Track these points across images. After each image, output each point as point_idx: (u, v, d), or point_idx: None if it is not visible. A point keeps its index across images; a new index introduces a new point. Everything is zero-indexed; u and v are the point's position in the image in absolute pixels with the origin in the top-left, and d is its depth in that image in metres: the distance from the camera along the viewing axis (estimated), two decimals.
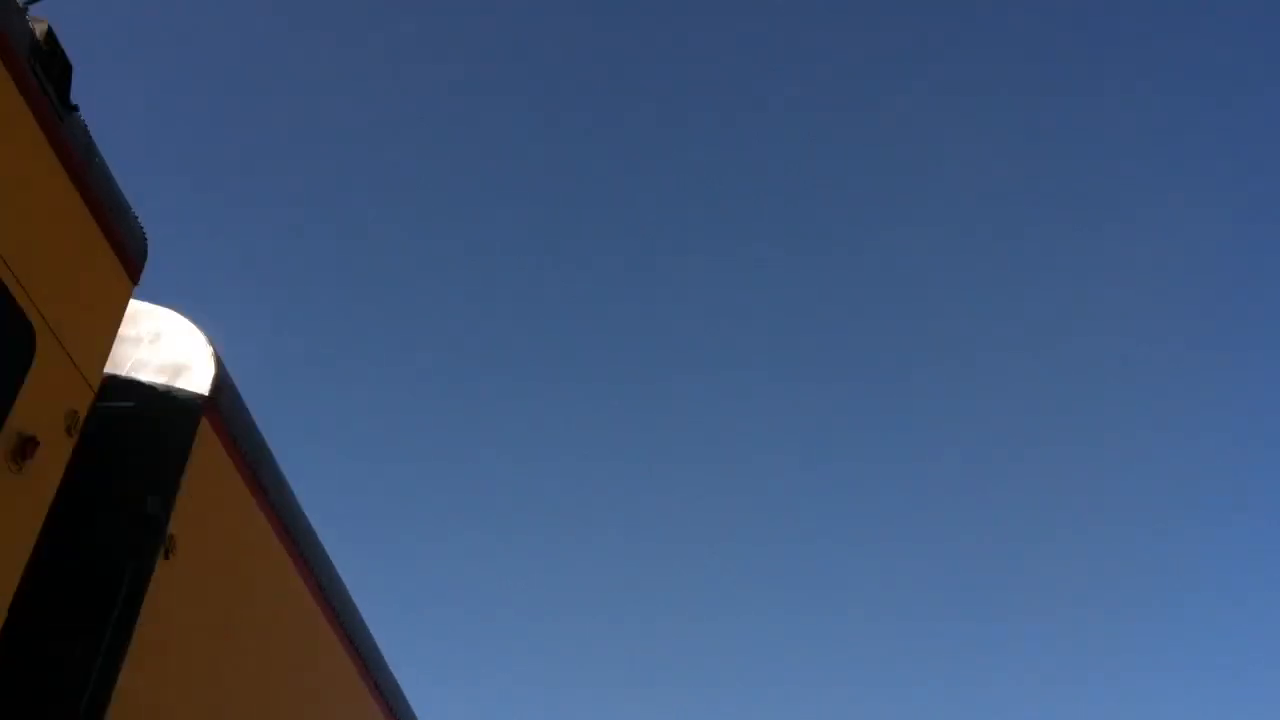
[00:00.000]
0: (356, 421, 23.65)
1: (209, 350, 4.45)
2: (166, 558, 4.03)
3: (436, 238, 22.79)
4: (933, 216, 22.65)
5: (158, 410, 4.24)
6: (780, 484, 24.80)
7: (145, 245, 4.30)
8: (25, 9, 3.92)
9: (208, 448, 4.32)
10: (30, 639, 3.63)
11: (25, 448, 3.37)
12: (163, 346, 4.43)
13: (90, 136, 4.10)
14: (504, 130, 22.15)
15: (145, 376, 4.33)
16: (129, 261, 4.03)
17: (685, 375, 23.73)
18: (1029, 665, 24.60)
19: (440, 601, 24.56)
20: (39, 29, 3.94)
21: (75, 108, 4.03)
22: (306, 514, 5.60)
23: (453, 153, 22.15)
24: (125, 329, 4.23)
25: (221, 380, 4.44)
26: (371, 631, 6.33)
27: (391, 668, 6.68)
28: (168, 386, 4.30)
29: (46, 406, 3.51)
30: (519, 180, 22.32)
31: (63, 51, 3.95)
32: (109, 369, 4.12)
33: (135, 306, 4.36)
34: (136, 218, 4.26)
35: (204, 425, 4.27)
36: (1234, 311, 22.54)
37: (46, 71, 3.86)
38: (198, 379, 4.34)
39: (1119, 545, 23.94)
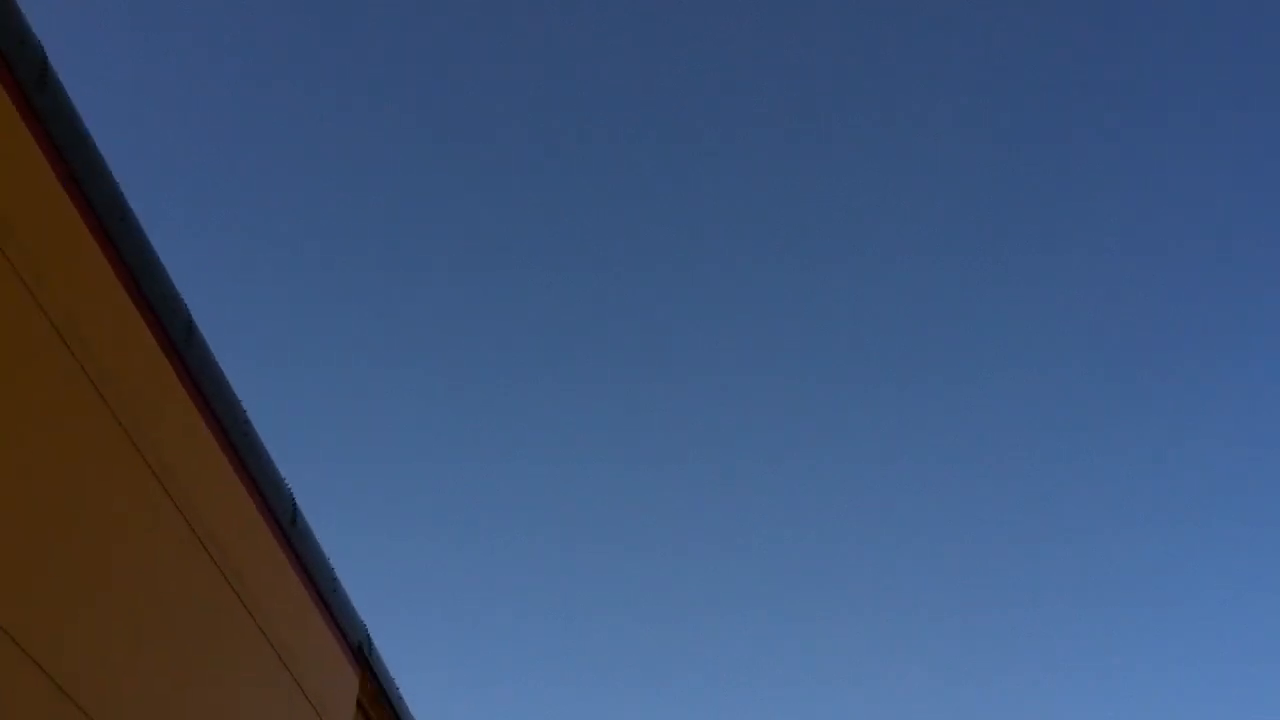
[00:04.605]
0: (353, 421, 23.67)
1: None
2: None
3: (435, 237, 22.81)
4: (933, 218, 22.68)
5: None
6: (778, 484, 24.84)
7: None
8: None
9: None
10: None
11: None
12: None
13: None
14: (502, 129, 22.18)
15: None
16: None
17: (685, 376, 23.76)
18: (1029, 665, 24.65)
19: (436, 602, 24.60)
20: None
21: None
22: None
23: (450, 152, 22.17)
24: None
25: None
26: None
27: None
28: None
29: None
30: (516, 179, 22.35)
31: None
32: None
33: None
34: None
35: None
36: (1233, 313, 22.58)
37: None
38: None
39: (1119, 545, 23.99)
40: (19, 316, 3.34)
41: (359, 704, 5.76)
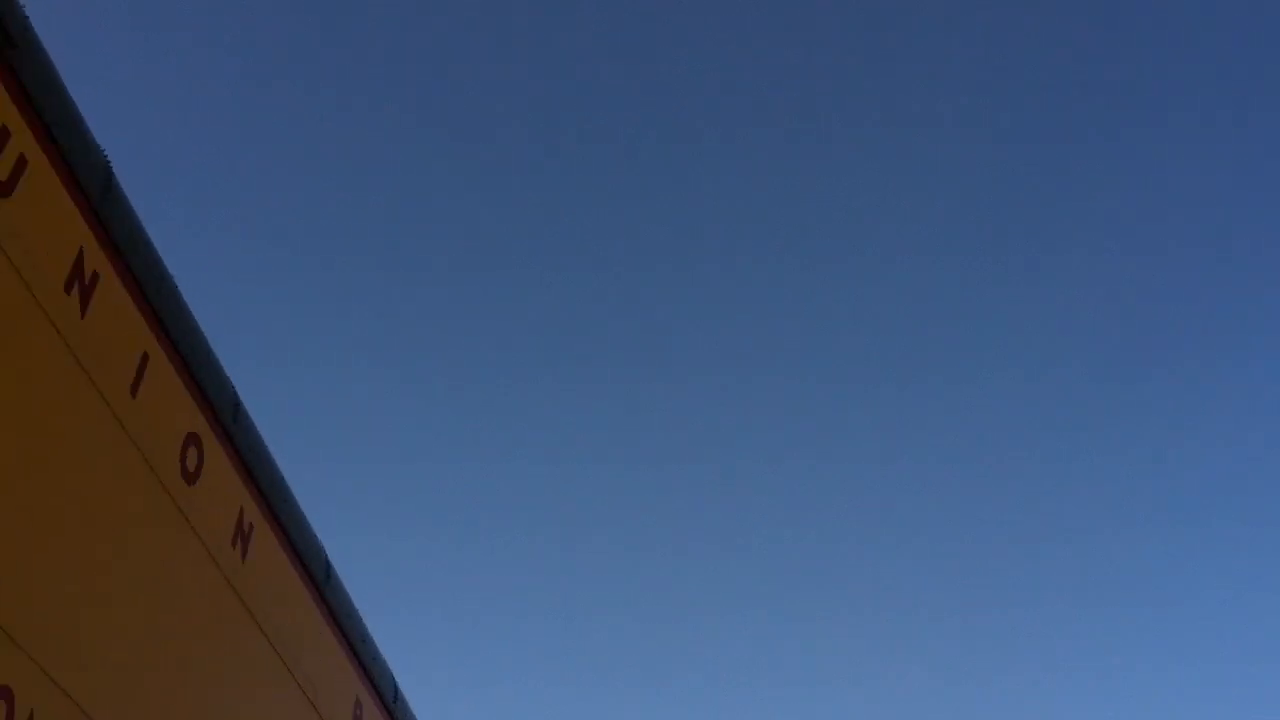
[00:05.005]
0: (353, 421, 23.67)
1: None
2: None
3: (435, 237, 22.80)
4: (933, 218, 22.67)
5: None
6: (778, 484, 24.84)
7: None
8: None
9: None
10: None
11: None
12: None
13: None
14: (502, 129, 22.17)
15: None
16: None
17: (685, 376, 23.75)
18: (1029, 665, 24.65)
19: (436, 602, 24.59)
20: None
21: None
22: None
23: (450, 152, 22.16)
24: None
25: None
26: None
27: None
28: None
29: None
30: (516, 179, 22.34)
31: None
32: None
33: None
34: None
35: None
36: (1233, 313, 22.58)
37: None
38: None
39: (1119, 545, 23.99)
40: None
41: None
